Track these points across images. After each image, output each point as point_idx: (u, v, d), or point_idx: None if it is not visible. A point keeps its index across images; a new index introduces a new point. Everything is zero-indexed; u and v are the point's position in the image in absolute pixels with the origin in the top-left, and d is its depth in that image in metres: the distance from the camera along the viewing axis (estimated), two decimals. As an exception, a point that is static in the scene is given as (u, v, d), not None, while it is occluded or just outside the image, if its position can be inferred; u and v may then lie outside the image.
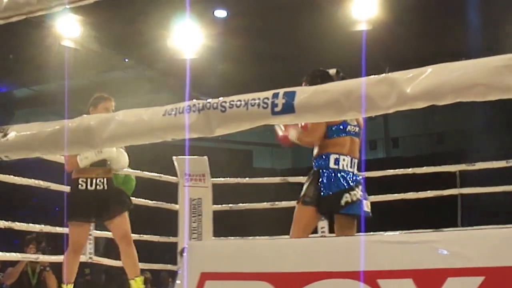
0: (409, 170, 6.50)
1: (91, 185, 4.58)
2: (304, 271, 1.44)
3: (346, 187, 3.91)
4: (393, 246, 1.39)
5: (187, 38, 10.47)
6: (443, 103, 1.46)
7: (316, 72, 4.10)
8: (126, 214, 4.66)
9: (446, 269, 1.33)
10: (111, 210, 4.61)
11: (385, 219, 6.45)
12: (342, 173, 3.94)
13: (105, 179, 4.61)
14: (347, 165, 3.98)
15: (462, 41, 11.22)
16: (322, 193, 3.90)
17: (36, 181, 5.44)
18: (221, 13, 11.51)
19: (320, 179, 3.94)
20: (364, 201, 3.98)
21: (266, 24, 11.45)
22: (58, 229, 5.58)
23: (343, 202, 3.88)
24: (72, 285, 4.64)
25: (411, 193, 6.54)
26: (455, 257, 1.31)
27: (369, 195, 4.13)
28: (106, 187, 4.61)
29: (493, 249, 1.29)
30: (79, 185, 4.58)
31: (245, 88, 2.62)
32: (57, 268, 5.74)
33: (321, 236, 6.40)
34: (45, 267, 6.41)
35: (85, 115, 2.10)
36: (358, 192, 3.95)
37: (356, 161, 4.06)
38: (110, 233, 4.92)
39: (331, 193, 3.89)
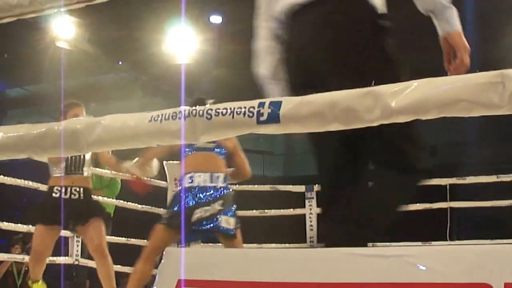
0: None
1: (65, 194, 4.32)
2: (279, 281, 1.44)
3: (197, 203, 3.90)
4: (367, 259, 1.39)
5: (182, 43, 10.49)
6: (427, 118, 1.47)
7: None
8: (102, 226, 4.41)
9: (421, 284, 1.33)
10: (83, 220, 4.37)
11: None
12: (193, 191, 3.93)
13: (81, 188, 4.40)
14: (204, 181, 3.96)
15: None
16: (173, 210, 3.93)
17: (26, 182, 5.42)
18: (216, 19, 11.54)
19: (173, 199, 4.04)
20: (223, 217, 3.92)
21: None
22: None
23: (194, 218, 3.86)
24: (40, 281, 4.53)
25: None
26: (430, 273, 1.31)
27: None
28: (82, 197, 4.40)
29: (468, 266, 1.30)
30: (53, 193, 4.36)
31: (240, 94, 2.61)
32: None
33: (310, 246, 6.39)
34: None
35: (74, 118, 2.10)
36: (216, 208, 3.91)
37: (219, 175, 4.02)
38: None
39: (177, 209, 3.90)
